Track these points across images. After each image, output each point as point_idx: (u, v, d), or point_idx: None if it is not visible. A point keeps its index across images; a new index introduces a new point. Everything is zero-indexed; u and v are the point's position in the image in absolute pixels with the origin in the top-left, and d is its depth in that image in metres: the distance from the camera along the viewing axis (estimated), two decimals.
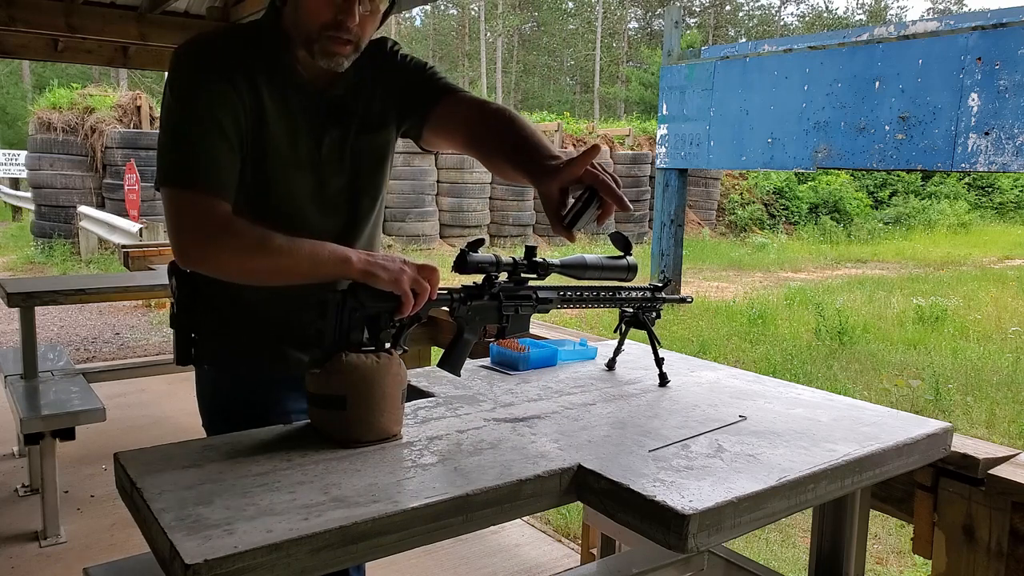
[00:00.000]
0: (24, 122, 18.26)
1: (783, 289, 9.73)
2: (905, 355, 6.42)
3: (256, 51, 1.31)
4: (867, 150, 6.66)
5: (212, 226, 1.22)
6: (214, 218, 1.23)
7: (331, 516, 0.92)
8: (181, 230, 1.24)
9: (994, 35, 5.85)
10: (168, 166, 1.26)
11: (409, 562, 2.53)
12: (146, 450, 1.11)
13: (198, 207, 1.23)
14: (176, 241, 1.25)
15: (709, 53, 8.67)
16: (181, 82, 1.28)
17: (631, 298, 1.56)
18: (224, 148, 1.26)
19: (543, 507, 1.10)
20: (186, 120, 1.26)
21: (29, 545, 2.74)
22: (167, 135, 1.28)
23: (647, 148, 15.41)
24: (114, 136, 11.09)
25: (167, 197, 1.25)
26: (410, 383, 1.38)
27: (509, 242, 13.74)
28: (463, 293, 1.35)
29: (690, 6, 42.21)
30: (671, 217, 8.75)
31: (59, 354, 3.52)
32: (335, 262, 1.21)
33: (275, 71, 1.32)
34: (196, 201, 1.23)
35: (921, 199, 19.07)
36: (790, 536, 3.20)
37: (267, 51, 1.32)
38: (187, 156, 1.25)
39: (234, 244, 1.22)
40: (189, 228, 1.23)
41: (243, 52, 1.30)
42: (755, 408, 1.42)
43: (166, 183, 1.25)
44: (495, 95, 35.08)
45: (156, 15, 4.71)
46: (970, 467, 1.38)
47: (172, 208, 1.24)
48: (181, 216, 1.23)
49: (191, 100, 1.26)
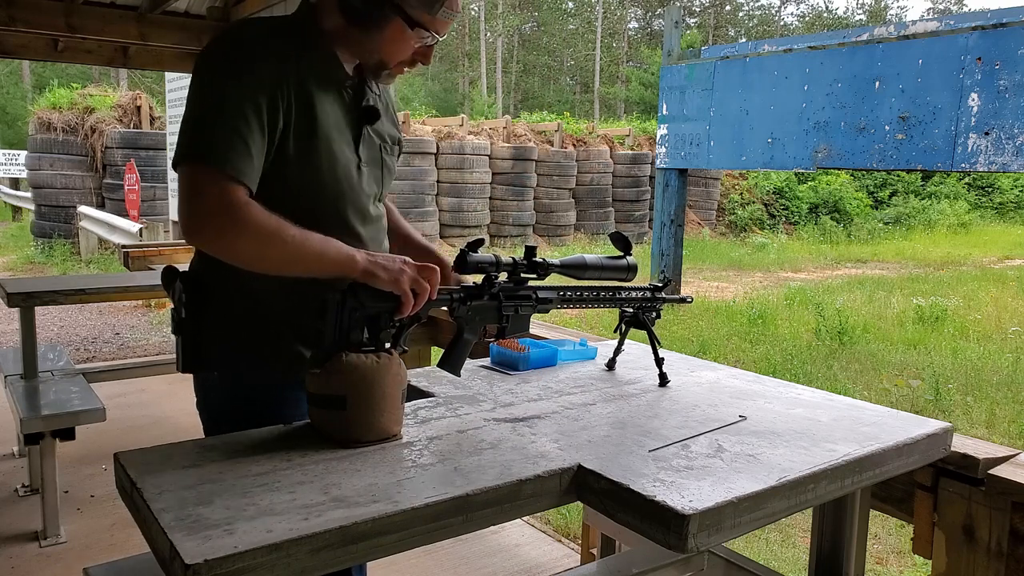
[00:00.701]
0: (24, 122, 18.24)
1: (783, 289, 9.72)
2: (905, 355, 6.42)
3: (298, 44, 1.31)
4: (867, 150, 6.66)
5: (233, 208, 1.19)
6: (236, 200, 1.19)
7: (331, 516, 0.92)
8: (199, 208, 1.20)
9: (994, 35, 5.85)
10: (196, 143, 1.22)
11: (409, 562, 2.53)
12: (146, 450, 1.11)
13: (222, 187, 1.19)
14: (191, 219, 1.21)
15: (709, 53, 8.67)
16: (221, 62, 1.26)
17: (631, 298, 1.56)
18: (256, 134, 1.23)
19: (543, 507, 1.10)
20: (222, 100, 1.22)
21: (29, 545, 2.74)
22: (199, 112, 1.24)
23: (647, 148, 15.41)
24: (114, 136, 11.09)
25: (188, 173, 1.21)
26: (410, 383, 1.38)
27: (509, 242, 13.74)
28: (463, 293, 1.35)
29: (690, 6, 42.21)
30: (671, 217, 8.75)
31: (59, 354, 3.52)
32: (341, 259, 1.21)
33: (319, 63, 1.33)
34: (221, 181, 1.19)
35: (921, 199, 19.06)
36: (790, 536, 3.20)
37: (310, 46, 1.33)
38: (218, 135, 1.21)
39: (252, 229, 1.19)
40: (209, 207, 1.19)
41: (287, 40, 1.30)
42: (755, 408, 1.42)
43: (192, 160, 1.21)
44: (495, 95, 35.08)
45: (156, 15, 4.71)
46: (970, 467, 1.38)
47: (193, 185, 1.20)
48: (202, 194, 1.19)
49: (229, 81, 1.23)
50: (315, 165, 1.31)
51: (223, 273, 1.33)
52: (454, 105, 31.62)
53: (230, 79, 1.23)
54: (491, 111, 28.54)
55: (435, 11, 1.29)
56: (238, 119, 1.21)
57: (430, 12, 1.28)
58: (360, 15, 1.29)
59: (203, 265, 1.40)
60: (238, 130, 1.21)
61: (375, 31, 1.30)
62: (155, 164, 10.72)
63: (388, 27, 1.29)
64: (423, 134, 13.34)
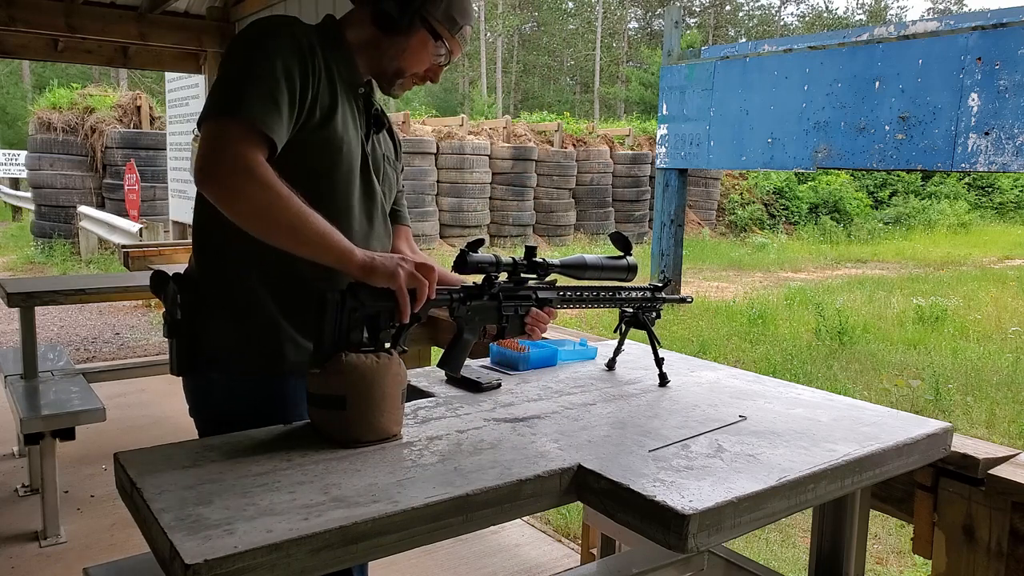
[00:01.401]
0: (24, 122, 18.24)
1: (783, 289, 9.72)
2: (905, 355, 6.42)
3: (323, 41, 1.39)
4: (867, 150, 6.66)
5: (252, 160, 1.20)
6: (255, 154, 1.21)
7: (331, 516, 0.92)
8: (218, 153, 1.21)
9: (994, 35, 5.85)
10: (229, 99, 1.24)
11: (409, 562, 2.53)
12: (146, 450, 1.11)
13: (246, 139, 1.21)
14: (207, 162, 1.21)
15: (709, 53, 8.67)
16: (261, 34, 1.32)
17: (631, 298, 1.56)
18: (286, 97, 1.27)
19: (543, 507, 1.10)
20: (259, 63, 1.26)
21: (29, 545, 2.74)
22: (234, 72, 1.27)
23: (647, 148, 15.41)
24: (114, 136, 11.09)
25: (214, 125, 1.23)
26: (410, 383, 1.38)
27: (509, 242, 13.73)
28: (463, 293, 1.35)
29: (690, 6, 42.20)
30: (671, 217, 8.75)
31: (59, 354, 3.52)
32: (340, 250, 1.23)
33: (342, 63, 1.41)
34: (246, 134, 1.22)
35: (921, 199, 19.06)
36: (790, 536, 3.20)
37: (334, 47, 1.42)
38: (249, 92, 1.24)
39: (263, 183, 1.20)
40: (229, 154, 1.20)
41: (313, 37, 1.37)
42: (755, 408, 1.42)
43: (223, 113, 1.23)
44: (495, 95, 35.08)
45: (156, 15, 4.71)
46: (970, 467, 1.38)
47: (217, 133, 1.22)
48: (225, 140, 1.21)
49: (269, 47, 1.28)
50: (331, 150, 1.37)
51: (219, 275, 1.36)
52: (454, 105, 31.61)
53: (264, 46, 1.29)
54: (491, 111, 28.54)
55: (455, 30, 1.44)
56: (271, 80, 1.25)
57: (451, 30, 1.44)
58: (393, 22, 1.40)
59: (200, 267, 1.40)
60: (271, 90, 1.25)
61: (402, 38, 1.42)
62: (155, 164, 10.71)
63: (414, 36, 1.42)
64: (423, 134, 13.33)
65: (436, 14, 1.41)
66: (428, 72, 1.48)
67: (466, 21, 1.46)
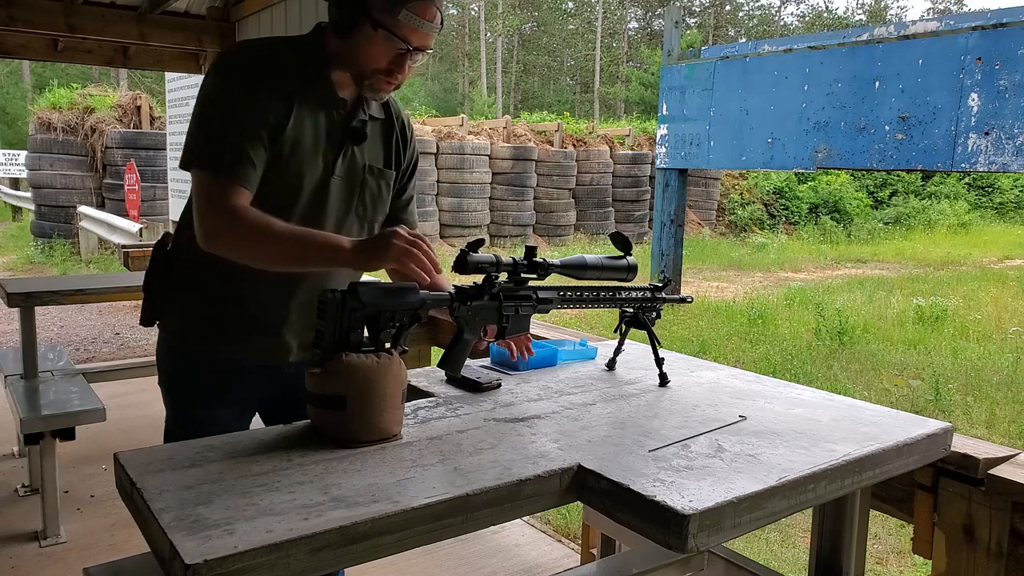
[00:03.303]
0: (24, 122, 18.24)
1: (783, 289, 9.72)
2: (905, 355, 6.42)
3: (300, 62, 1.43)
4: (867, 150, 6.66)
5: (229, 213, 1.32)
6: (232, 206, 1.32)
7: (331, 516, 0.92)
8: (205, 215, 1.35)
9: (994, 35, 5.85)
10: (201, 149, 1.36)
11: (409, 562, 2.53)
12: (146, 450, 1.11)
13: (223, 194, 1.33)
14: (199, 225, 1.35)
15: (709, 53, 8.66)
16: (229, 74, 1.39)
17: (631, 298, 1.56)
18: (258, 142, 1.36)
19: (543, 507, 1.10)
20: (227, 109, 1.36)
21: (29, 545, 2.74)
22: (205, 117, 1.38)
23: (647, 148, 15.41)
24: (114, 136, 11.08)
25: (196, 179, 1.36)
26: (410, 383, 1.38)
27: (509, 242, 13.73)
28: (463, 293, 1.35)
29: (690, 6, 42.19)
30: (671, 217, 8.75)
31: (59, 354, 3.52)
32: (329, 247, 1.32)
33: (315, 83, 1.44)
34: (222, 188, 1.33)
35: (921, 199, 19.06)
36: (790, 536, 3.20)
37: (310, 65, 1.44)
38: (221, 144, 1.34)
39: (242, 231, 1.32)
40: (212, 214, 1.34)
41: (289, 61, 1.42)
42: (755, 408, 1.42)
43: (198, 166, 1.36)
44: (495, 95, 35.07)
45: (156, 15, 4.71)
46: (970, 467, 1.38)
47: (202, 192, 1.36)
48: (209, 201, 1.34)
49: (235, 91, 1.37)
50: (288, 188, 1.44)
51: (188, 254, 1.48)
52: (454, 105, 31.62)
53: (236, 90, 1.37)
54: (491, 111, 28.54)
55: (397, 13, 1.35)
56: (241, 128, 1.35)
57: (392, 15, 1.35)
58: (338, 23, 1.40)
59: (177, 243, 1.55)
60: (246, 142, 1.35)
61: (350, 37, 1.40)
62: (155, 164, 10.71)
63: (359, 31, 1.38)
64: (423, 134, 13.33)
65: (376, 4, 1.35)
66: (392, 67, 1.40)
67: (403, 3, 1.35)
